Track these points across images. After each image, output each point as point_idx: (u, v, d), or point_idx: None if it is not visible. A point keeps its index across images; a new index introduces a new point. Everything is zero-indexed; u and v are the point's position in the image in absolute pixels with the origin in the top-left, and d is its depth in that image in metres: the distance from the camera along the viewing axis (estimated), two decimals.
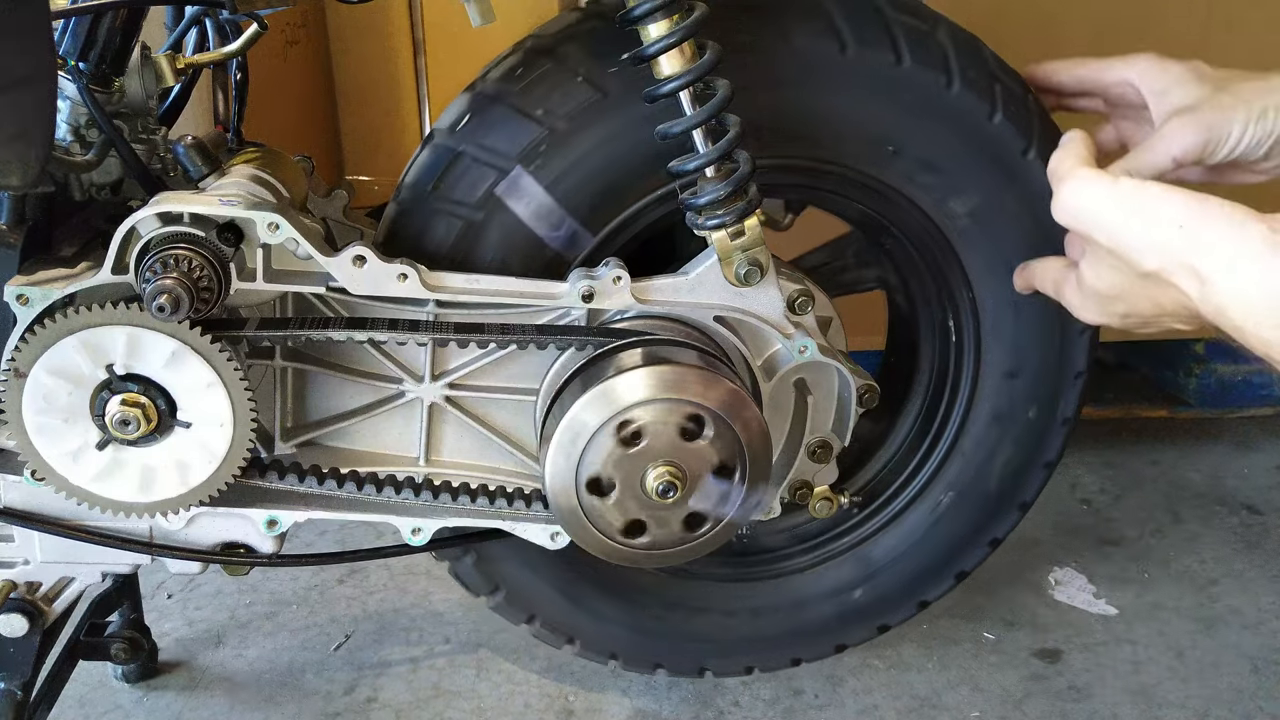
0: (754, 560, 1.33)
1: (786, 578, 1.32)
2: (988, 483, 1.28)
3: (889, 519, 1.30)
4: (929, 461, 1.28)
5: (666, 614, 1.31)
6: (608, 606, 1.29)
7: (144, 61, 1.08)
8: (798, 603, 1.32)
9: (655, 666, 1.35)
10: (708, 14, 0.97)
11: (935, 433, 1.28)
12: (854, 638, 1.36)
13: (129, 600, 1.41)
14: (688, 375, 0.99)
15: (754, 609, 1.32)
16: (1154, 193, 0.82)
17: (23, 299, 0.95)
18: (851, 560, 1.32)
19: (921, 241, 1.19)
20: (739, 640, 1.33)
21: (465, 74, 1.11)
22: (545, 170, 1.06)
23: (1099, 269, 0.91)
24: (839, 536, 1.32)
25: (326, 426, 1.12)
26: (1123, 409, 2.14)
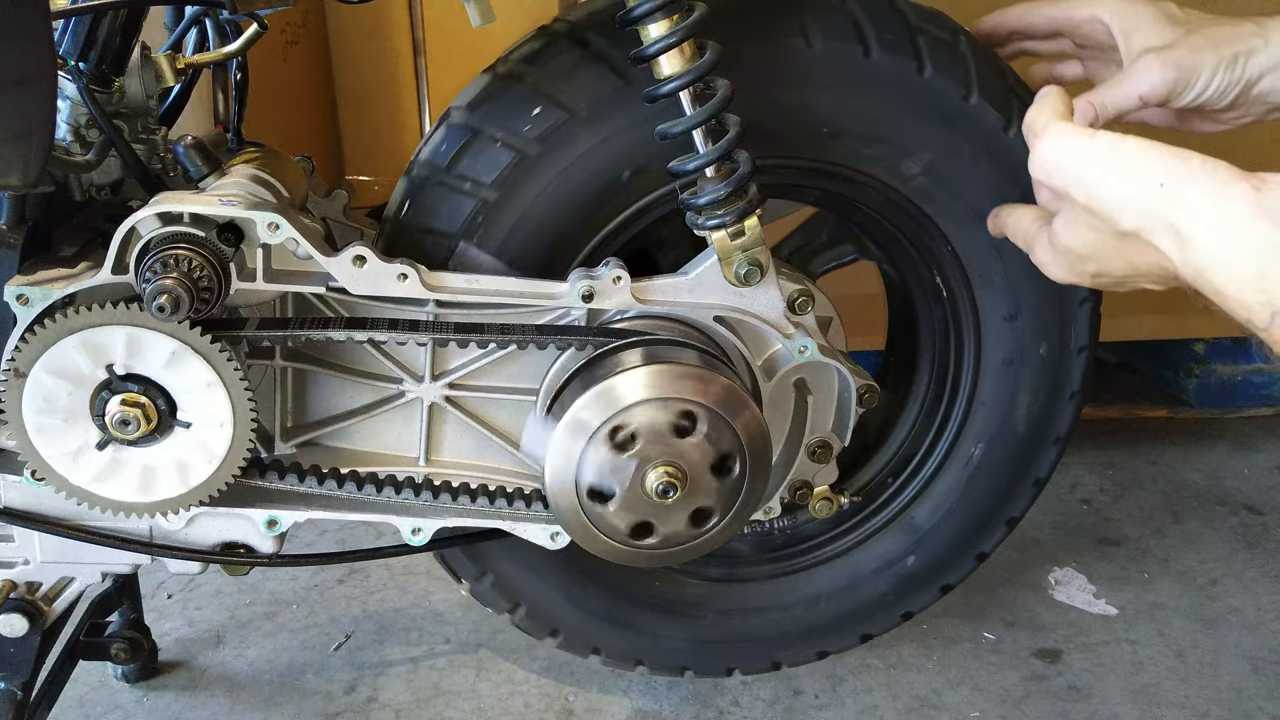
0: (798, 551, 1.33)
1: (833, 561, 1.32)
2: (1015, 426, 1.26)
3: (925, 482, 1.29)
4: (951, 419, 1.27)
5: (724, 620, 1.32)
6: (668, 625, 1.31)
7: (144, 61, 1.08)
8: (852, 582, 1.32)
9: (728, 670, 1.37)
10: (708, 14, 0.97)
11: (951, 390, 1.27)
12: (918, 603, 1.35)
13: (129, 600, 1.41)
14: (688, 375, 0.99)
15: (810, 598, 1.32)
16: (1134, 148, 0.80)
17: (23, 299, 0.95)
18: (896, 530, 1.31)
19: (887, 209, 1.17)
20: (802, 631, 1.34)
21: (465, 74, 1.11)
22: None
23: (1074, 227, 0.88)
24: (878, 510, 1.31)
25: (326, 426, 1.12)
26: (1123, 409, 2.14)
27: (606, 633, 1.30)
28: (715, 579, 1.31)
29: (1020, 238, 1.00)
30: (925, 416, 1.32)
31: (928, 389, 1.32)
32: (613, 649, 1.32)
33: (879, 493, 1.32)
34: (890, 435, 1.35)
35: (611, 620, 1.29)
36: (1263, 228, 0.72)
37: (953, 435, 1.28)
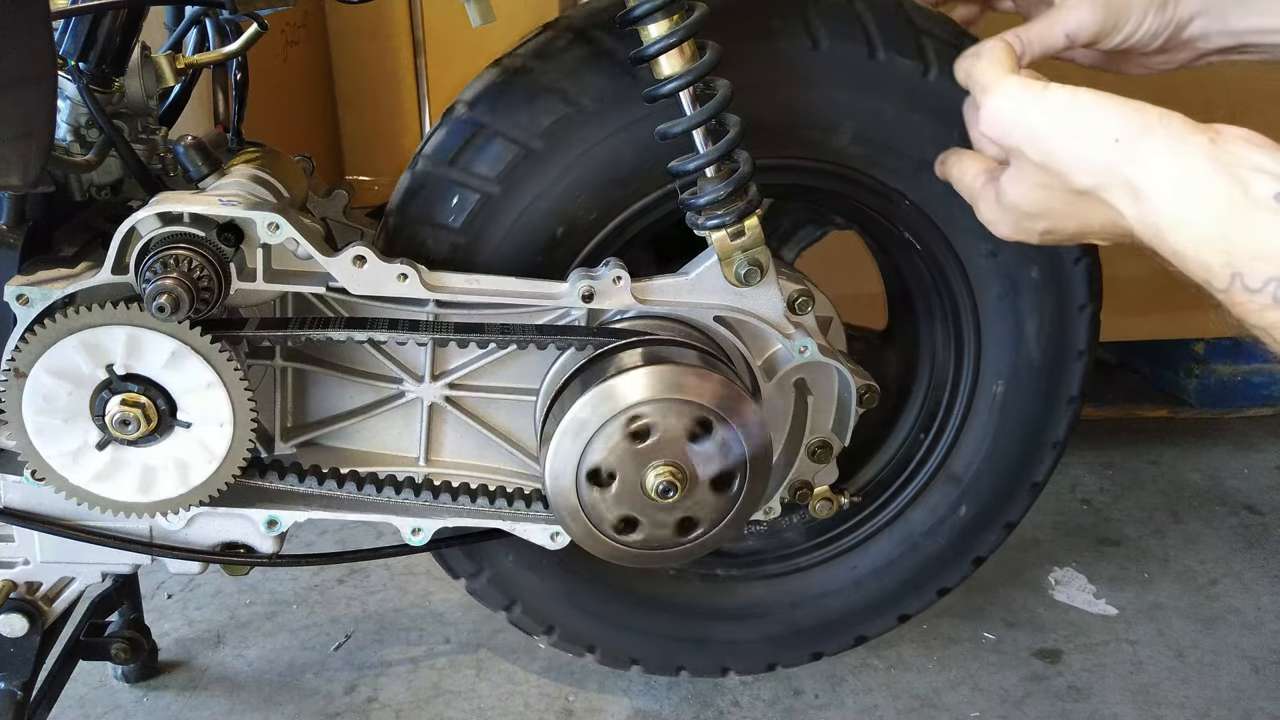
0: (840, 533, 1.33)
1: (891, 526, 1.32)
2: (1030, 353, 1.23)
3: (957, 430, 1.28)
4: (964, 361, 1.25)
5: (792, 611, 1.32)
6: (738, 627, 1.32)
7: (144, 61, 1.08)
8: (910, 544, 1.31)
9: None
10: (708, 14, 0.97)
11: (956, 337, 1.25)
12: (986, 546, 1.33)
13: (129, 600, 1.41)
14: (688, 375, 0.99)
15: (874, 570, 1.32)
16: (1088, 102, 0.78)
17: (23, 299, 0.95)
18: (942, 484, 1.30)
19: (841, 185, 1.16)
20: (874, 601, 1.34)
21: (465, 74, 1.11)
22: None
23: (1023, 185, 0.85)
24: (920, 466, 1.30)
25: (326, 426, 1.12)
26: (1123, 409, 2.14)
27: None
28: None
29: (965, 192, 0.96)
30: (941, 367, 1.30)
31: (935, 343, 1.30)
32: (698, 665, 1.36)
33: (914, 450, 1.32)
34: (912, 394, 1.34)
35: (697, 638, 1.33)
36: (1222, 184, 0.70)
37: (971, 376, 1.25)
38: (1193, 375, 2.11)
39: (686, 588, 1.31)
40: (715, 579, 1.32)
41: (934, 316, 1.30)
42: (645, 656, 1.33)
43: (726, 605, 1.32)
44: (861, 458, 1.35)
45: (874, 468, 1.35)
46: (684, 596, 1.31)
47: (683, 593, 1.31)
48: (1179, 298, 2.04)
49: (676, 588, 1.30)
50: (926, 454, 1.31)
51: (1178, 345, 2.12)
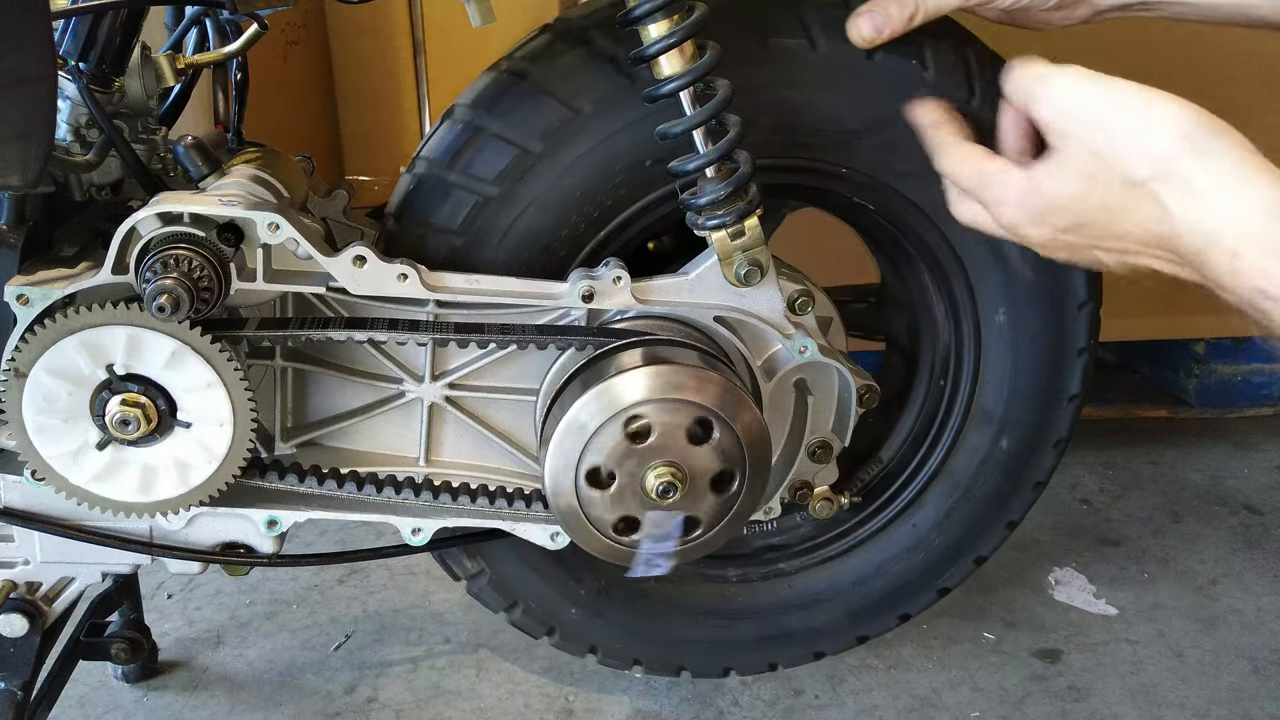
0: (882, 503, 1.33)
1: (937, 477, 1.31)
2: (1022, 273, 1.20)
3: (973, 367, 1.25)
4: (961, 311, 1.24)
5: (868, 584, 1.34)
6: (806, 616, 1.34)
7: (144, 61, 1.08)
8: (963, 487, 1.29)
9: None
10: (708, 14, 0.97)
11: (949, 296, 1.24)
12: (1043, 472, 1.31)
13: (129, 600, 1.41)
14: (688, 375, 0.99)
15: (938, 525, 1.31)
16: (1158, 96, 0.77)
17: (23, 299, 0.95)
18: (977, 421, 1.28)
19: (799, 177, 1.15)
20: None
21: (465, 74, 1.11)
22: None
23: (1067, 172, 0.82)
24: (944, 425, 1.29)
25: (326, 426, 1.12)
26: (1123, 409, 2.14)
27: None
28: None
29: (972, 176, 0.91)
30: (946, 318, 1.28)
31: (936, 298, 1.29)
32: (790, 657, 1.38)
33: (938, 400, 1.31)
34: (924, 350, 1.34)
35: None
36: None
37: (972, 318, 1.23)
38: (1193, 375, 2.11)
39: (758, 587, 1.33)
40: (781, 575, 1.34)
41: (932, 286, 1.29)
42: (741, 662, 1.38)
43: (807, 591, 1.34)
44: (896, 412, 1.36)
45: (907, 422, 1.35)
46: (763, 597, 1.33)
47: (760, 592, 1.33)
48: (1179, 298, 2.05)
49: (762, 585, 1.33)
50: (954, 398, 1.29)
51: (1178, 345, 2.12)
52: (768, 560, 1.34)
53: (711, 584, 1.32)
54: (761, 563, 1.33)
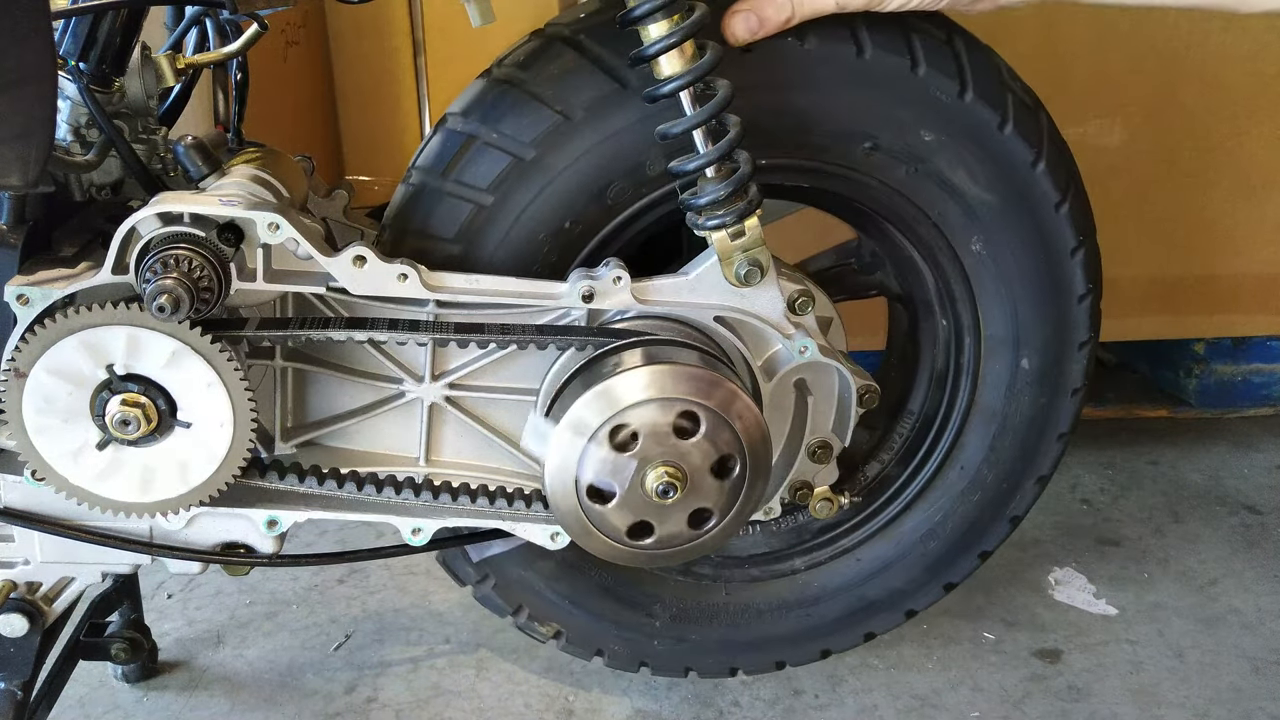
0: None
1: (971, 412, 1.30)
2: (979, 195, 1.17)
3: (969, 299, 1.23)
4: (936, 249, 1.21)
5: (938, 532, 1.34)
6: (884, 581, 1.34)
7: (144, 61, 1.08)
8: (999, 416, 1.27)
9: (909, 614, 1.38)
10: (708, 14, 0.97)
11: (918, 240, 1.22)
12: (1076, 377, 1.28)
13: (129, 600, 1.41)
14: (688, 375, 0.99)
15: (986, 460, 1.30)
16: None
17: (23, 299, 0.95)
18: (993, 350, 1.25)
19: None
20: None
21: (465, 74, 1.11)
22: None
23: None
24: (960, 361, 1.28)
25: (326, 426, 1.11)
26: (1123, 409, 2.14)
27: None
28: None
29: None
30: (943, 279, 1.26)
31: (929, 270, 1.28)
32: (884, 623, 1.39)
33: (952, 355, 1.29)
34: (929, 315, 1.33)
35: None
36: None
37: (958, 279, 1.22)
38: (1193, 375, 2.11)
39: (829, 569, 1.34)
40: (846, 551, 1.35)
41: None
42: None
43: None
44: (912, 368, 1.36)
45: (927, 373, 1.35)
46: (836, 576, 1.34)
47: (832, 572, 1.34)
48: (1179, 298, 2.06)
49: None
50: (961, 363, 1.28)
51: (1178, 345, 2.12)
52: (829, 541, 1.34)
53: (782, 578, 1.33)
54: (824, 545, 1.34)
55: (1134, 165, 1.83)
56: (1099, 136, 1.80)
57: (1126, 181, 1.83)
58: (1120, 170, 1.81)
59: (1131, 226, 1.84)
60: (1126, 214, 1.83)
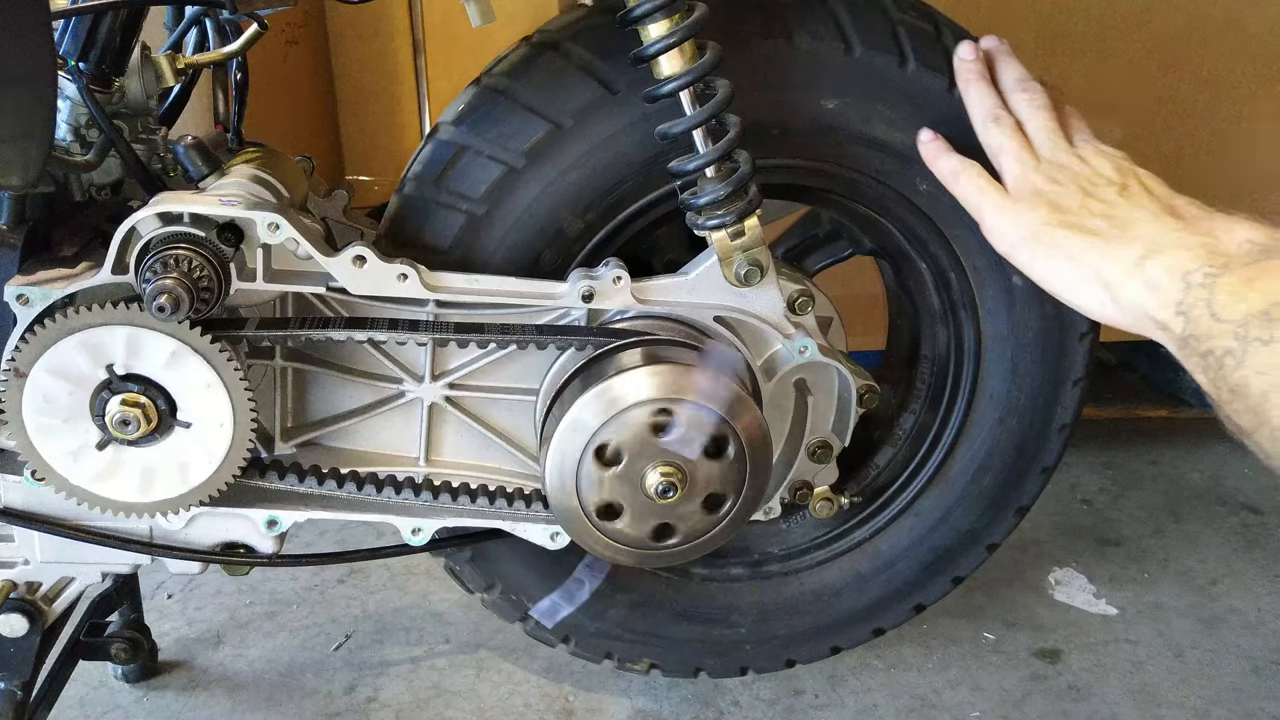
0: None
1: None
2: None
3: (942, 241, 1.20)
4: (911, 220, 1.19)
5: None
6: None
7: (144, 61, 1.08)
8: (1010, 340, 1.25)
9: (955, 581, 1.37)
10: (708, 14, 0.97)
11: (859, 193, 1.19)
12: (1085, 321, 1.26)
13: (129, 600, 1.41)
14: (688, 375, 0.99)
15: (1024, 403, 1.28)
16: (1067, 256, 0.89)
17: (23, 299, 0.95)
18: (986, 283, 1.23)
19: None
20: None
21: (465, 74, 1.11)
22: None
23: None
24: (955, 309, 1.26)
25: (326, 426, 1.12)
26: (1123, 409, 2.14)
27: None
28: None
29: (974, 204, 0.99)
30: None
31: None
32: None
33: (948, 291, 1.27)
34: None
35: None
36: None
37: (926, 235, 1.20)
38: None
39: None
40: (910, 510, 1.33)
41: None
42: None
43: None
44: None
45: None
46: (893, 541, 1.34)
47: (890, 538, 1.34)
48: None
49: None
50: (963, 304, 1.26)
51: None
52: (882, 506, 1.33)
53: (850, 553, 1.33)
54: (878, 511, 1.33)
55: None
56: (1098, 136, 1.80)
57: None
58: None
59: None
60: None
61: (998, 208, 0.95)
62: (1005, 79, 1.04)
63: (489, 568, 1.26)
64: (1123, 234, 0.86)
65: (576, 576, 1.27)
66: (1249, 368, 0.73)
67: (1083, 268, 0.87)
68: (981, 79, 1.04)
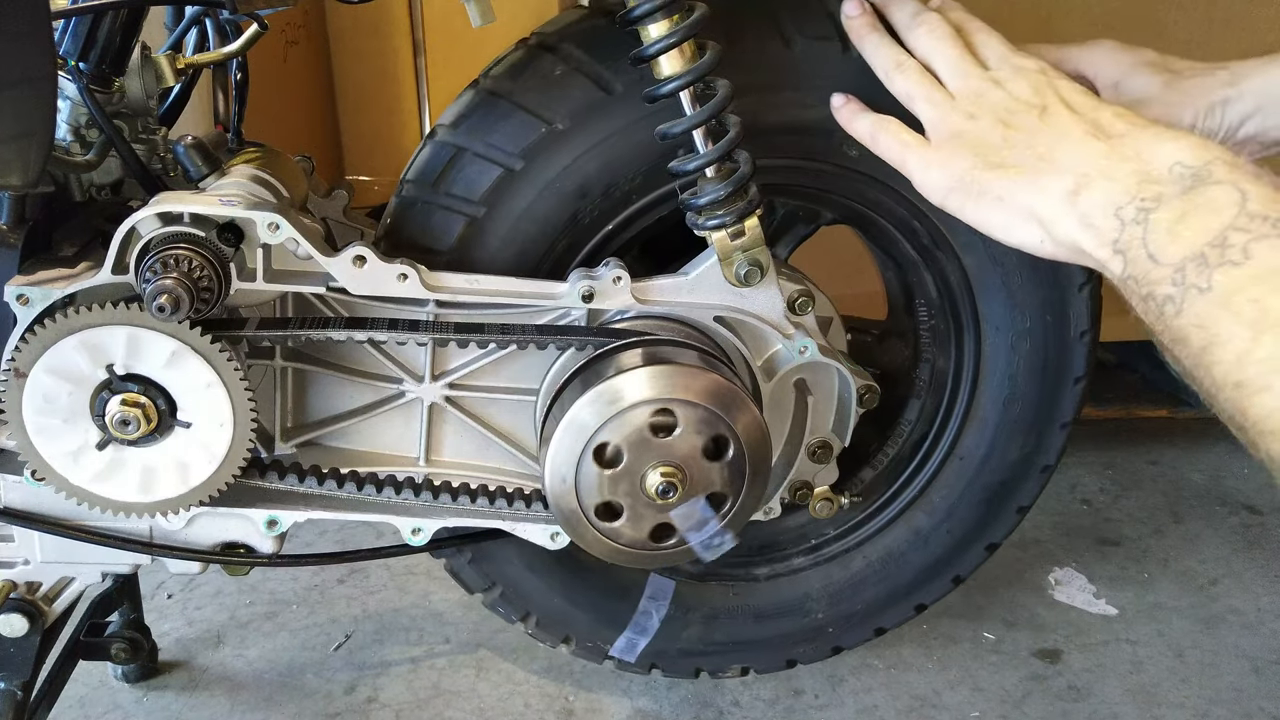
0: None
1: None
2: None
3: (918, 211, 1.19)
4: (845, 187, 1.18)
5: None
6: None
7: (144, 61, 1.08)
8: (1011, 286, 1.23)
9: (1020, 512, 1.35)
10: (708, 14, 0.97)
11: (827, 183, 1.18)
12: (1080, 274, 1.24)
13: (129, 600, 1.41)
14: (688, 375, 0.99)
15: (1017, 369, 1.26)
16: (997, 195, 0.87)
17: (23, 299, 0.95)
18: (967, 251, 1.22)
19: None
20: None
21: (465, 74, 1.11)
22: None
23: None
24: (932, 251, 1.23)
25: (327, 426, 1.12)
26: (1123, 409, 2.14)
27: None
28: None
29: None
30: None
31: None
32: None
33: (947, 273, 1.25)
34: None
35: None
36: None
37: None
38: None
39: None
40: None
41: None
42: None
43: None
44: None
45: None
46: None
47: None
48: None
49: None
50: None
51: None
52: (923, 461, 1.33)
53: (909, 511, 1.33)
54: (920, 467, 1.32)
55: None
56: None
57: None
58: None
59: None
60: None
61: (921, 160, 0.92)
62: (898, 20, 1.00)
63: (559, 625, 1.30)
64: (1049, 166, 0.83)
65: (643, 609, 1.30)
66: (1187, 318, 0.72)
67: (1014, 208, 0.84)
68: (874, 29, 0.99)
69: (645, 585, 1.29)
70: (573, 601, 1.28)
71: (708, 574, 1.32)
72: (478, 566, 1.26)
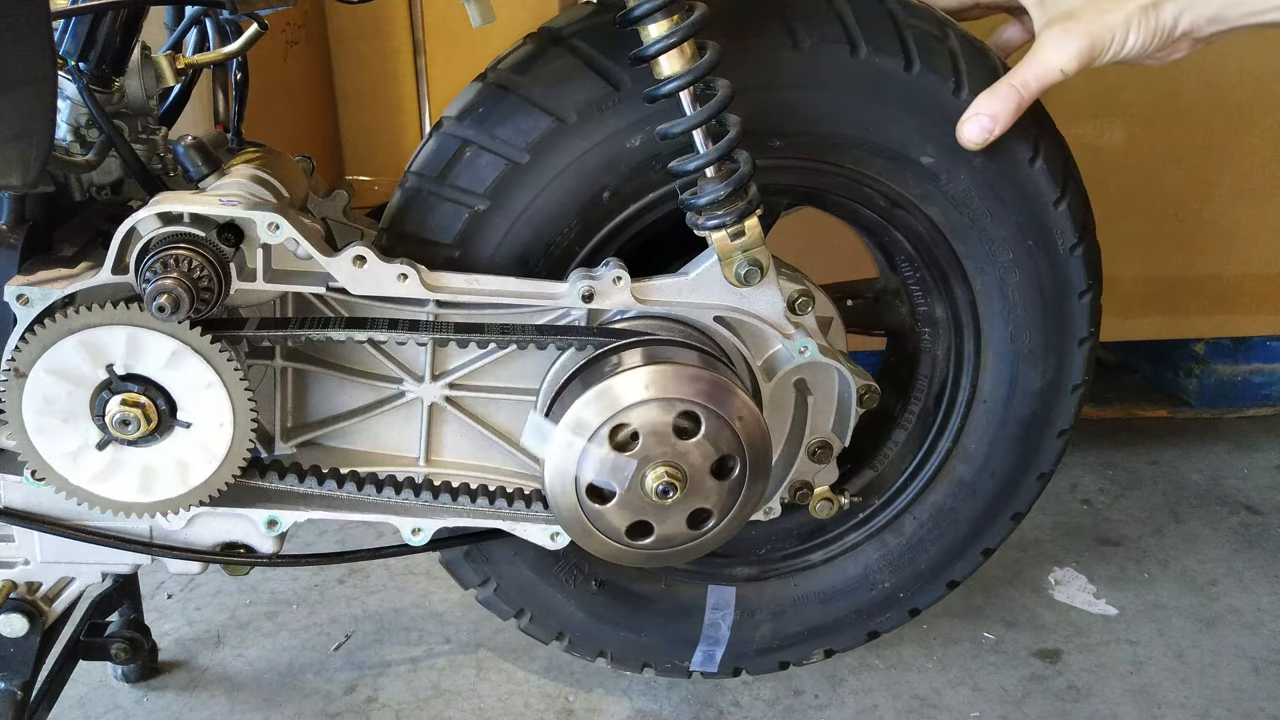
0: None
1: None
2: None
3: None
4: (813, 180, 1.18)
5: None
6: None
7: (144, 61, 1.08)
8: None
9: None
10: (708, 14, 0.97)
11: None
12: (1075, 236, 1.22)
13: (129, 600, 1.41)
14: (688, 375, 0.99)
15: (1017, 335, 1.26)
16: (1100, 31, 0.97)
17: (23, 299, 0.95)
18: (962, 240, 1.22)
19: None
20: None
21: (465, 74, 1.11)
22: None
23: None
24: (902, 217, 1.22)
25: (327, 426, 1.12)
26: (1123, 409, 2.15)
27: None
28: None
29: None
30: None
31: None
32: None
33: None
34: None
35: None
36: None
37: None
38: (1193, 375, 2.12)
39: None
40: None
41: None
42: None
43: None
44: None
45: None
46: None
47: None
48: (1179, 298, 2.06)
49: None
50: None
51: (1178, 345, 2.12)
52: (944, 428, 1.32)
53: (936, 480, 1.32)
54: (938, 436, 1.32)
55: (1134, 165, 1.83)
56: (1099, 136, 1.80)
57: (1127, 181, 1.83)
58: (1120, 170, 1.82)
59: (1132, 226, 1.85)
60: (1127, 214, 1.83)
61: (1060, 54, 1.01)
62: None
63: (638, 656, 1.34)
64: None
65: (709, 622, 1.32)
66: None
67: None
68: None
69: (706, 598, 1.31)
70: (638, 631, 1.32)
71: (765, 574, 1.33)
72: (540, 623, 1.31)
